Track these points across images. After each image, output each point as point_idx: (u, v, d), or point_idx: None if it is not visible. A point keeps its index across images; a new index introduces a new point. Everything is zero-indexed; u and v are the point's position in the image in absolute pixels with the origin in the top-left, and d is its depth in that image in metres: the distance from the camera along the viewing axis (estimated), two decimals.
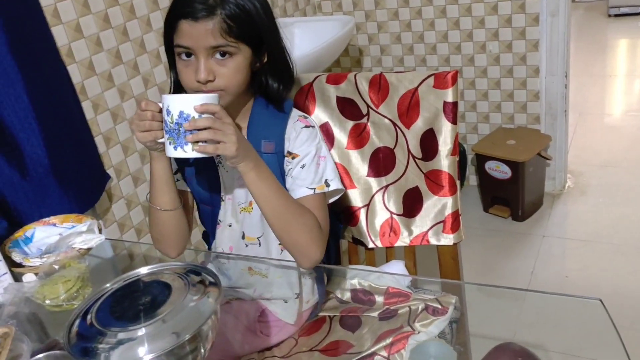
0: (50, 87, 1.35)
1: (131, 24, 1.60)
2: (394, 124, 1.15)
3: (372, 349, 1.04)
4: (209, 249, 1.17)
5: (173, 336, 0.72)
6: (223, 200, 1.07)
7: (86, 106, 1.49)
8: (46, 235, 1.08)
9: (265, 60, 0.98)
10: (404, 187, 1.19)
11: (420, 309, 1.10)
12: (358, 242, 1.26)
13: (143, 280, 0.82)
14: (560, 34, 2.12)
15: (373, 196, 1.22)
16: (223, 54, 0.91)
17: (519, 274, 1.95)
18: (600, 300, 0.78)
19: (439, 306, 1.10)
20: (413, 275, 1.22)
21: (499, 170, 2.21)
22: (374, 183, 1.22)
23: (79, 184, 1.43)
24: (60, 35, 1.41)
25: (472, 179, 2.55)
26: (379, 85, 1.14)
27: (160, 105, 0.87)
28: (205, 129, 0.83)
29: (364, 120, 1.18)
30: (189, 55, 0.93)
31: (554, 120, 2.27)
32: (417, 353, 0.72)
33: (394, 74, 1.13)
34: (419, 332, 1.04)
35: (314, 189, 0.97)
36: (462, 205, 1.17)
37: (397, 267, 1.22)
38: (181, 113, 0.83)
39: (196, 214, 1.15)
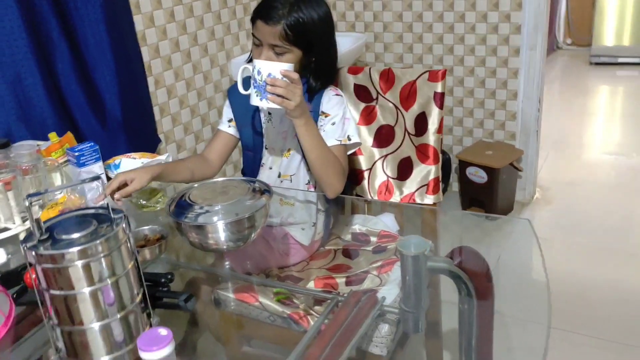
0: (128, 62, 1.72)
1: (190, 21, 1.99)
2: (396, 107, 1.53)
3: (366, 269, 1.40)
4: None
5: (235, 215, 1.07)
6: (267, 149, 1.43)
7: (150, 81, 1.86)
8: (129, 165, 1.43)
9: (314, 60, 1.33)
10: (399, 156, 1.56)
11: None
12: (360, 197, 1.63)
13: (218, 184, 1.18)
14: (537, 65, 2.54)
15: (375, 162, 1.60)
16: (278, 53, 1.28)
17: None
18: (528, 220, 1.15)
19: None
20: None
21: (478, 175, 2.60)
22: (376, 152, 1.59)
23: (139, 140, 1.79)
24: (138, 22, 1.79)
25: (455, 186, 2.93)
26: (387, 77, 1.52)
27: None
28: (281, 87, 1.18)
29: (374, 103, 1.56)
30: (259, 44, 1.30)
31: (527, 138, 2.67)
32: (402, 243, 1.06)
33: (400, 69, 1.51)
34: None
35: (340, 140, 1.34)
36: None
37: (388, 217, 1.58)
38: (269, 74, 1.18)
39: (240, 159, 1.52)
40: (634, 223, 2.55)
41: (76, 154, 1.25)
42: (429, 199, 1.54)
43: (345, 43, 2.37)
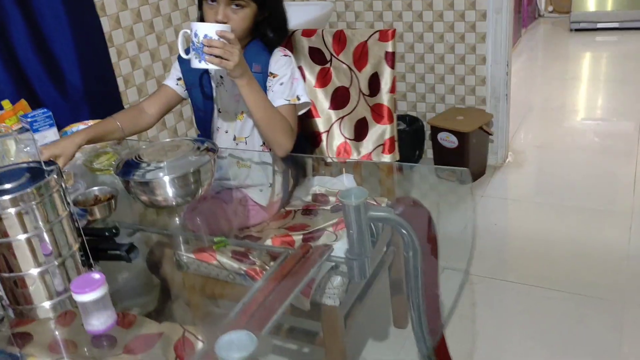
0: (87, 32, 1.73)
1: None
2: (350, 69, 1.56)
3: (322, 226, 1.44)
4: None
5: (181, 170, 1.11)
6: (220, 112, 1.46)
7: (112, 52, 1.87)
8: None
9: (267, 15, 1.36)
10: (355, 117, 1.59)
11: None
12: (320, 159, 1.66)
13: (167, 144, 1.21)
14: (503, 28, 2.55)
15: (332, 124, 1.62)
16: (237, 5, 1.30)
17: (459, 221, 2.35)
18: (469, 170, 1.18)
19: (374, 202, 1.50)
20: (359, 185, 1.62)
21: (449, 140, 2.63)
22: (333, 114, 1.62)
23: (104, 110, 1.80)
24: None
25: (429, 152, 2.96)
26: (339, 39, 1.54)
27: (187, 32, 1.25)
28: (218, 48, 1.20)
29: (328, 65, 1.58)
30: (213, 0, 1.31)
31: (497, 102, 2.70)
32: (342, 194, 1.08)
33: (350, 30, 1.53)
34: None
35: (289, 100, 1.37)
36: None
37: (348, 178, 1.62)
38: (205, 35, 1.20)
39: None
40: (603, 182, 2.59)
41: (29, 119, 1.28)
42: (386, 159, 1.58)
43: (311, 11, 2.38)
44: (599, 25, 5.02)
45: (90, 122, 1.49)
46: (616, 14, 4.97)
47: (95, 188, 1.18)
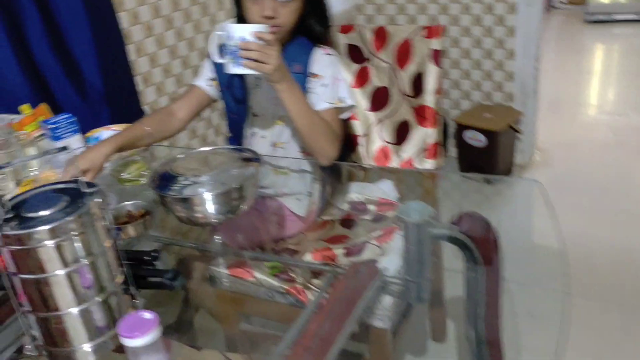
0: (105, 28, 1.62)
1: None
2: (391, 67, 1.45)
3: (365, 239, 1.33)
4: None
5: (223, 185, 1.00)
6: (256, 116, 1.35)
7: (130, 49, 1.76)
8: None
9: (310, 8, 1.24)
10: (396, 120, 1.48)
11: None
12: (356, 164, 1.56)
13: (203, 154, 1.10)
14: (534, 21, 2.44)
15: (371, 127, 1.51)
16: None
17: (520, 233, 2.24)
18: (537, 182, 1.08)
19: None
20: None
21: (476, 139, 2.52)
22: (372, 116, 1.51)
23: (122, 112, 1.69)
24: None
25: (453, 151, 2.85)
26: (380, 35, 1.43)
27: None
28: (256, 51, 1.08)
29: (366, 63, 1.47)
30: None
31: (526, 98, 2.59)
32: (403, 209, 0.99)
33: (392, 25, 1.42)
34: None
35: (332, 103, 1.26)
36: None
37: (387, 184, 1.51)
38: (242, 38, 1.08)
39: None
40: (634, 183, 2.49)
41: (51, 126, 1.17)
42: (429, 164, 1.47)
43: (333, 5, 2.26)
44: (616, 17, 4.90)
45: (114, 127, 1.38)
46: (633, 5, 4.85)
47: (128, 203, 1.07)
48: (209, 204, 0.98)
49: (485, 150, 2.51)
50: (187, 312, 1.39)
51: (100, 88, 1.58)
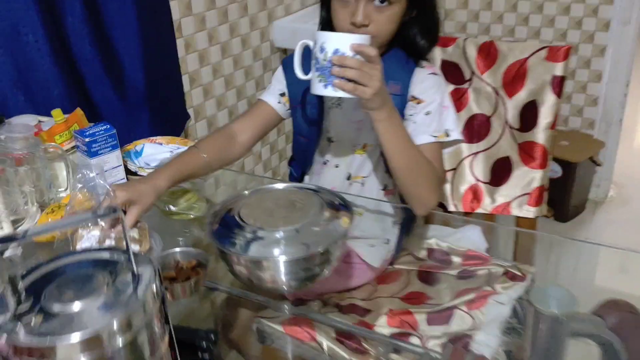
0: (154, 17, 1.39)
1: None
2: (496, 92, 1.19)
3: (453, 303, 1.08)
4: (298, 179, 1.20)
5: (304, 247, 0.76)
6: (332, 142, 1.10)
7: (179, 44, 1.53)
8: (154, 152, 1.12)
9: (414, 15, 0.99)
10: (495, 155, 1.23)
11: (500, 273, 1.14)
12: (439, 204, 1.30)
13: (276, 194, 0.86)
14: (629, 42, 2.15)
15: (462, 161, 1.26)
16: (383, 1, 0.92)
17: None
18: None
19: (518, 273, 1.14)
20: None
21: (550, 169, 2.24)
22: (464, 148, 1.26)
23: (165, 115, 1.47)
24: None
25: None
26: (488, 52, 1.17)
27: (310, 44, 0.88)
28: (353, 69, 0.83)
29: (466, 85, 1.22)
30: None
31: (609, 127, 2.30)
32: (537, 294, 0.75)
33: (506, 42, 1.16)
34: (499, 293, 1.08)
35: (436, 137, 1.00)
36: None
37: (474, 232, 1.26)
38: (336, 51, 0.83)
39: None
40: None
41: (87, 139, 0.94)
42: (529, 212, 1.21)
43: None
44: None
45: (158, 139, 1.15)
46: None
47: (177, 250, 0.84)
48: (283, 270, 0.74)
49: (560, 183, 2.23)
50: None
51: (142, 87, 1.35)
